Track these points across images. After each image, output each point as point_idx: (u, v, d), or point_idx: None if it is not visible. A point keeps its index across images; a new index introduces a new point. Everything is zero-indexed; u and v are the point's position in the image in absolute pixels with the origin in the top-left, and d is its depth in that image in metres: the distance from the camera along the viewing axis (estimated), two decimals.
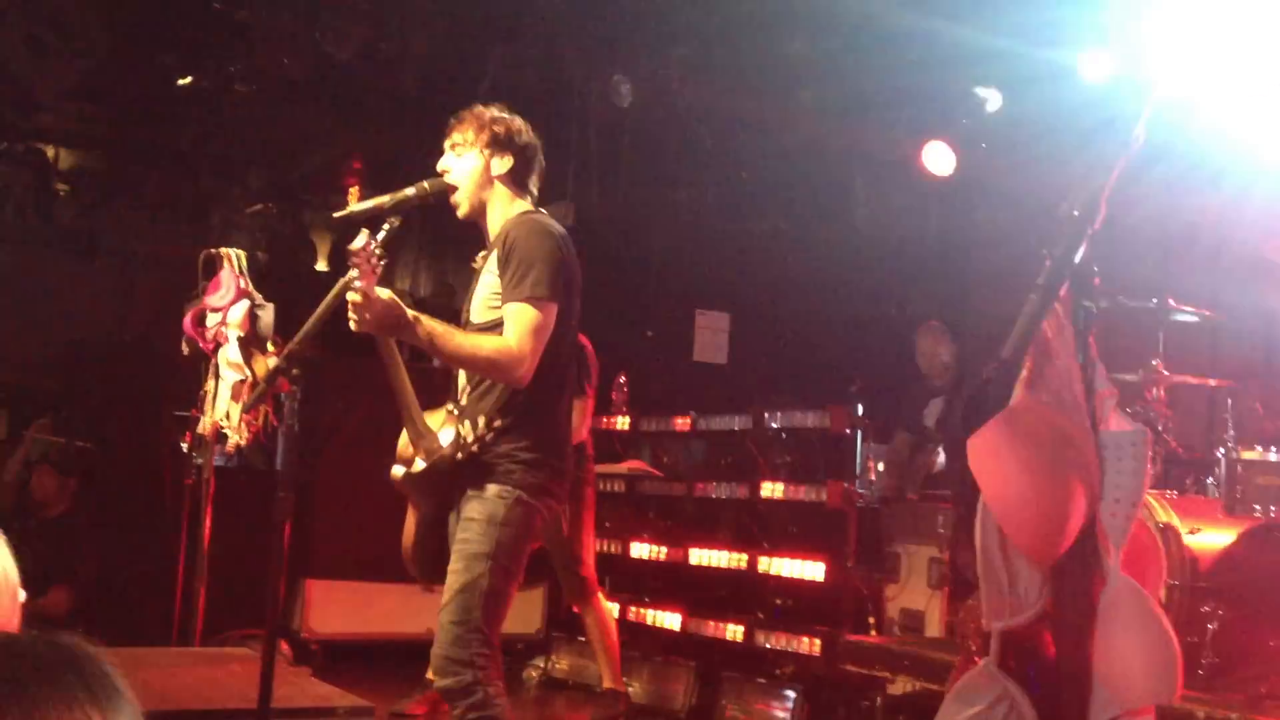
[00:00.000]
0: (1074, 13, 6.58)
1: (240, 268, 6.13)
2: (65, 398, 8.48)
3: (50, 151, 9.65)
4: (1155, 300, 5.66)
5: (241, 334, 6.01)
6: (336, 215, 3.79)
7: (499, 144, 3.82)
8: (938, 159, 8.29)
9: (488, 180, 3.83)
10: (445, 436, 3.79)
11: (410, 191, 3.71)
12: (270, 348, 5.95)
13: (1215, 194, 6.75)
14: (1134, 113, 2.39)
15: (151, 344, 8.03)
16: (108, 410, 8.25)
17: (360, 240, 3.50)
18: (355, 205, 3.74)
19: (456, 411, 3.81)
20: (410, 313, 3.59)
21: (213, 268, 6.17)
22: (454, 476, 3.73)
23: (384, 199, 3.68)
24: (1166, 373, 5.68)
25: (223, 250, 6.21)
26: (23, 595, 2.43)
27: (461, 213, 3.86)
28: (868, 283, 9.22)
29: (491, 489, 3.64)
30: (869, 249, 9.31)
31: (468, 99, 4.01)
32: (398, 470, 3.83)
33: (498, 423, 3.68)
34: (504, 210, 3.85)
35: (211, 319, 6.03)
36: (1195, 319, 5.82)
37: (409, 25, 7.58)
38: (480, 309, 3.77)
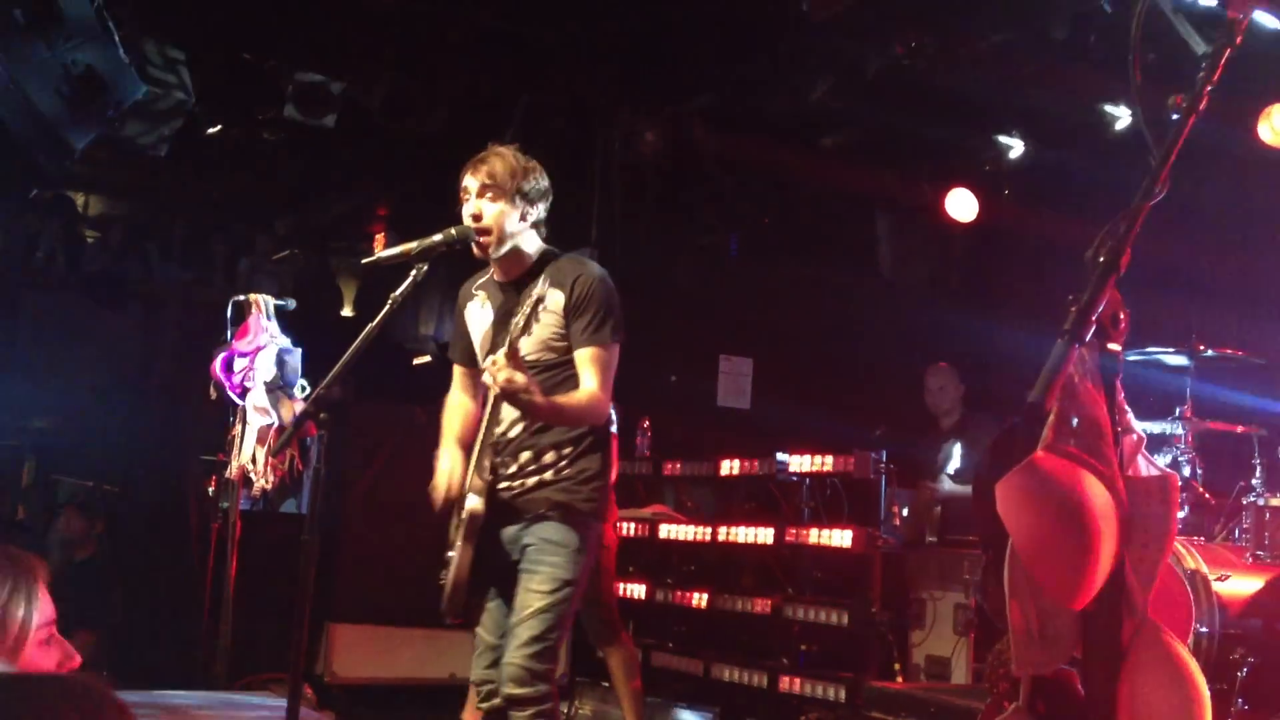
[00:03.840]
0: (1097, 60, 6.61)
1: (268, 313, 6.19)
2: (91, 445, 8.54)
3: (79, 199, 9.77)
4: (1183, 345, 5.64)
5: (268, 379, 6.06)
6: (364, 261, 3.85)
7: (530, 192, 3.97)
8: (960, 205, 8.31)
9: (520, 225, 3.96)
10: (484, 469, 3.89)
11: (437, 238, 3.76)
12: (297, 393, 6.00)
13: (1242, 238, 6.76)
14: (1158, 159, 2.40)
15: (178, 389, 8.08)
16: (134, 454, 8.30)
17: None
18: (383, 252, 3.79)
19: (492, 441, 3.91)
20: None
21: (241, 313, 6.23)
22: (500, 504, 3.89)
23: (411, 245, 3.73)
24: (1194, 418, 5.65)
25: (251, 296, 6.27)
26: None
27: (495, 254, 3.96)
28: (891, 328, 9.22)
29: (569, 516, 3.87)
30: (892, 294, 9.32)
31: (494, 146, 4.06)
32: (477, 505, 3.87)
33: (567, 449, 3.92)
34: (530, 250, 4.01)
35: (239, 364, 6.08)
36: (1223, 363, 5.80)
37: (436, 73, 7.67)
38: (540, 347, 3.91)
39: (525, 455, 3.92)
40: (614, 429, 4.16)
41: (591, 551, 3.94)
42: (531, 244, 4.02)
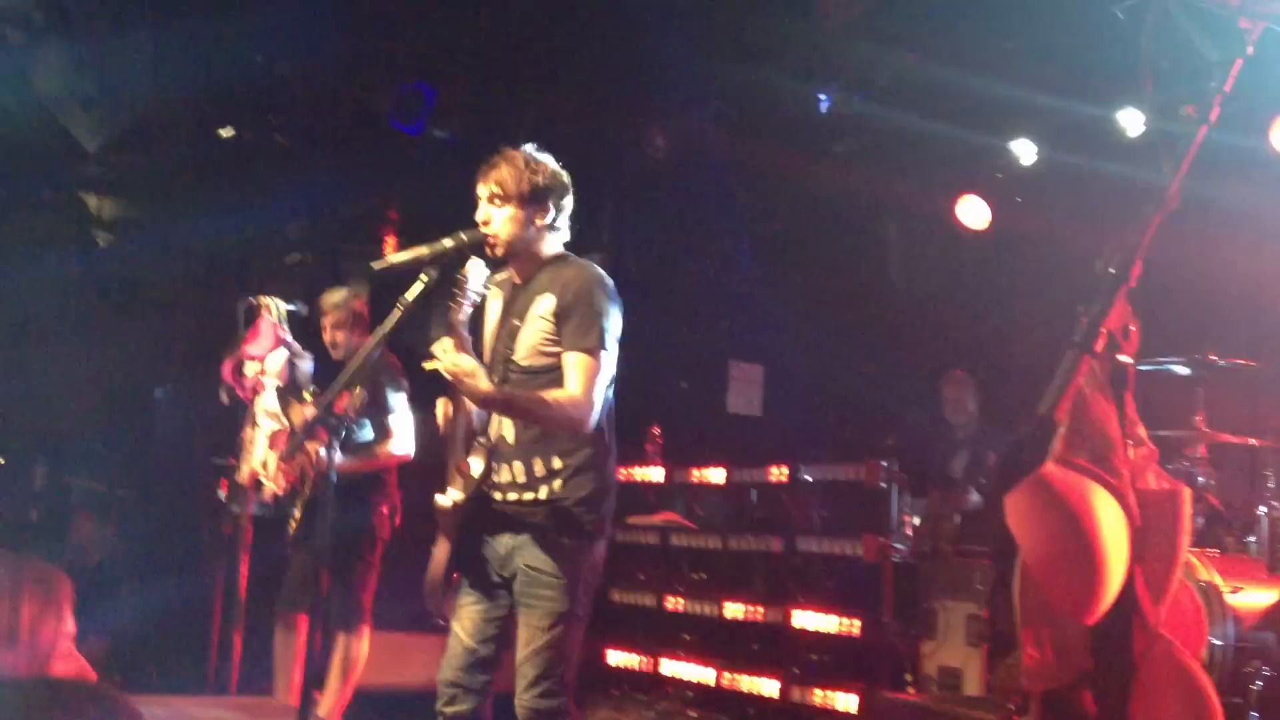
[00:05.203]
0: (1110, 67, 6.59)
1: (279, 317, 6.19)
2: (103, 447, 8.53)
3: (92, 201, 9.78)
4: (1195, 356, 5.60)
5: (279, 383, 6.06)
6: (375, 266, 3.82)
7: (539, 195, 3.86)
8: (972, 212, 8.28)
9: (529, 229, 3.87)
10: (475, 466, 3.84)
11: (448, 243, 3.73)
12: (308, 397, 5.99)
13: (1254, 248, 6.72)
14: (1170, 168, 2.39)
15: (190, 392, 8.08)
16: (147, 458, 8.30)
17: (476, 270, 3.65)
18: (394, 256, 3.76)
19: (487, 444, 3.86)
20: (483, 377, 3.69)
21: (252, 317, 6.22)
22: (491, 511, 3.81)
23: (422, 250, 3.70)
24: (1207, 430, 5.62)
25: (261, 300, 6.27)
26: None
27: (499, 253, 3.87)
28: (902, 336, 9.19)
29: (568, 542, 3.74)
30: (903, 302, 9.29)
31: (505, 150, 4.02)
32: (444, 500, 3.84)
33: (558, 464, 3.76)
34: (542, 252, 3.91)
35: (250, 368, 6.08)
36: (1236, 374, 5.76)
37: (448, 77, 7.67)
38: (530, 352, 3.81)
39: (517, 465, 3.80)
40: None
41: (587, 577, 3.77)
42: (548, 246, 3.91)
